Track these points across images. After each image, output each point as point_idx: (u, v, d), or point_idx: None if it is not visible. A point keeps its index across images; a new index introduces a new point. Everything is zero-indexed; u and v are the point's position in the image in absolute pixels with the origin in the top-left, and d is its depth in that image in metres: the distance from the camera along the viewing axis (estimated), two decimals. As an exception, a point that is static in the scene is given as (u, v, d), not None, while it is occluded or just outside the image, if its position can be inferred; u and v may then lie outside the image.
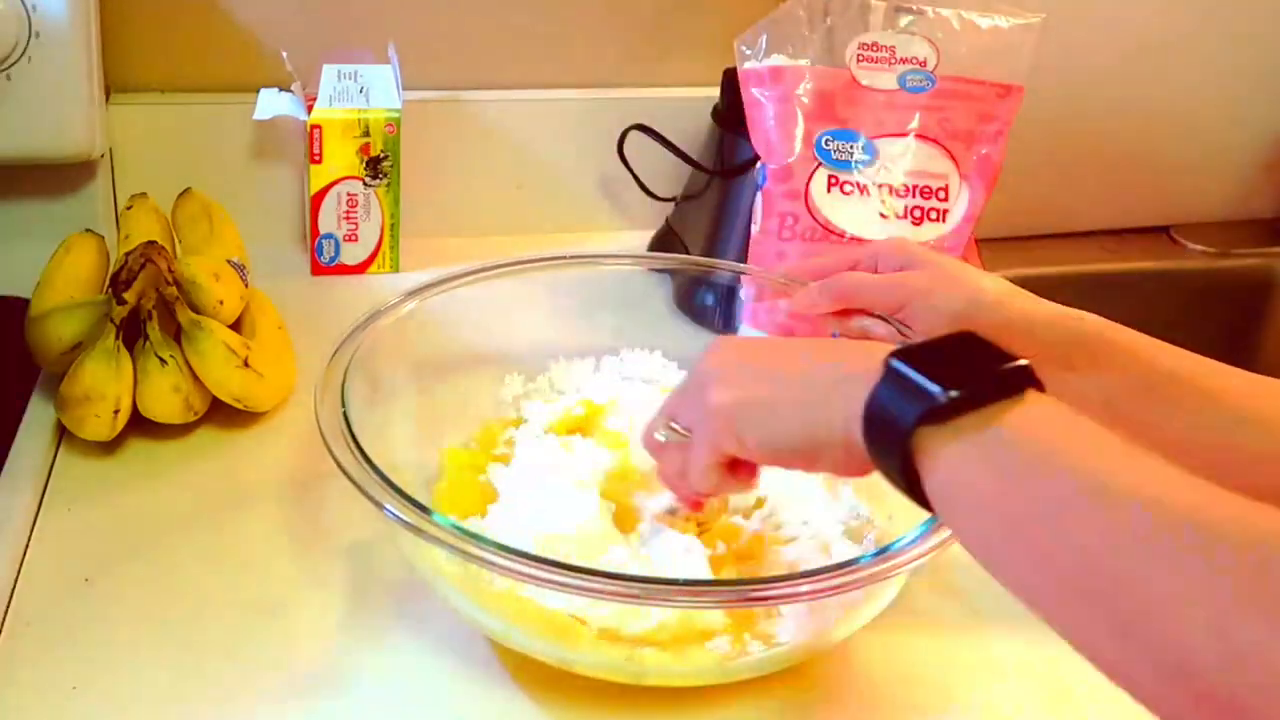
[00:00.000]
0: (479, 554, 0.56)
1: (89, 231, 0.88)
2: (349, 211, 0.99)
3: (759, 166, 0.87)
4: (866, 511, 0.73)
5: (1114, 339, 0.65)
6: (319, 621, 0.67)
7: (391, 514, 0.58)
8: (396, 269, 1.03)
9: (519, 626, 0.61)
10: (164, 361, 0.76)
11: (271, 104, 0.98)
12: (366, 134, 0.97)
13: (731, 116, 0.96)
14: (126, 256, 0.77)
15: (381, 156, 0.98)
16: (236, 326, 0.82)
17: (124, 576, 0.68)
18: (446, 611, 0.66)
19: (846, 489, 0.75)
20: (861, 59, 0.86)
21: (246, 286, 0.85)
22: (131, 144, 1.01)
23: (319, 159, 0.97)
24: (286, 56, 0.99)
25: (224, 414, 0.80)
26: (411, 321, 0.75)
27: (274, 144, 1.03)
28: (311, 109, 0.97)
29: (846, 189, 0.85)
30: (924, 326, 0.68)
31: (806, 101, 0.86)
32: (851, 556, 0.69)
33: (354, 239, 1.01)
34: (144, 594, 0.67)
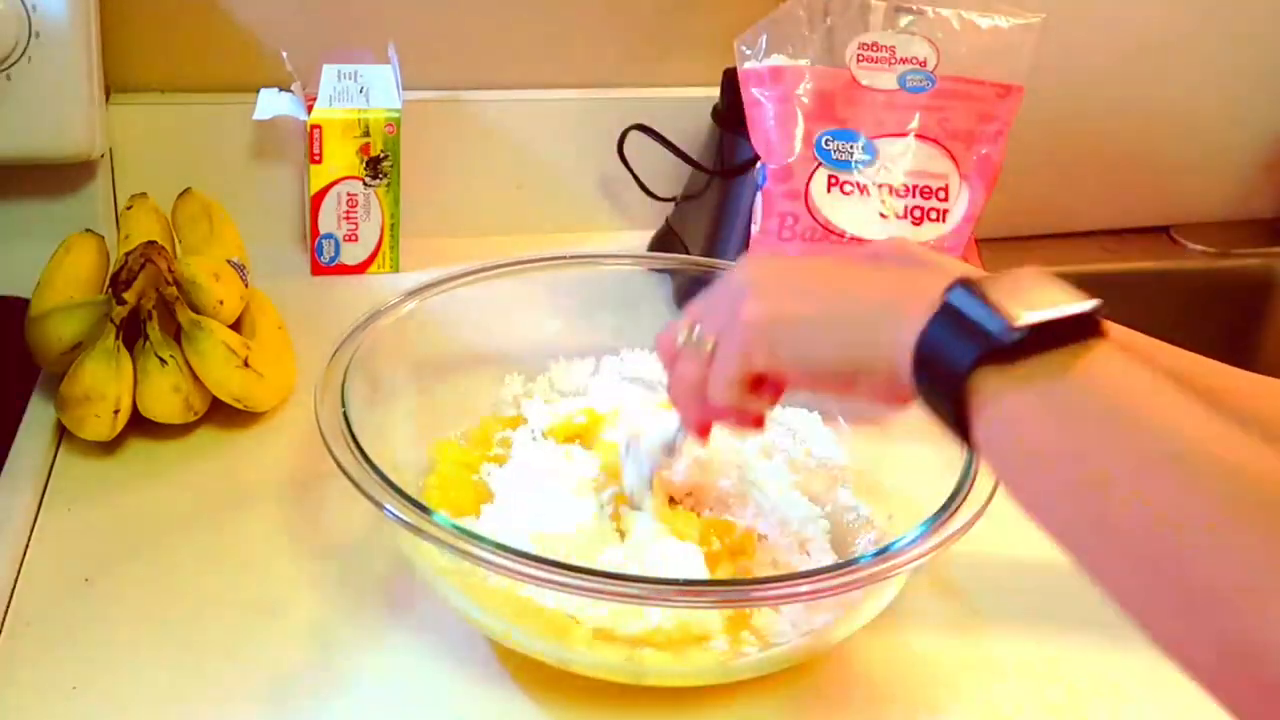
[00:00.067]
0: (478, 554, 0.56)
1: (89, 231, 0.88)
2: (349, 211, 0.99)
3: (759, 166, 0.87)
4: (867, 511, 0.73)
5: (1114, 339, 0.65)
6: (319, 621, 0.67)
7: (391, 514, 0.58)
8: (396, 269, 1.03)
9: (518, 626, 0.61)
10: (164, 361, 0.76)
11: (271, 104, 0.98)
12: (366, 134, 0.97)
13: (731, 116, 0.96)
14: (126, 256, 0.77)
15: (381, 156, 0.98)
16: (236, 326, 0.82)
17: (124, 576, 0.68)
18: (446, 611, 0.66)
19: (844, 490, 0.75)
20: (861, 59, 0.86)
21: (246, 286, 0.85)
22: (131, 144, 1.01)
23: (319, 159, 0.97)
24: (286, 56, 0.99)
25: (224, 414, 0.80)
26: (411, 321, 0.75)
27: (274, 144, 1.03)
28: (311, 109, 0.97)
29: (846, 189, 0.85)
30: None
31: (806, 101, 0.86)
32: (829, 558, 0.69)
33: (354, 239, 1.01)
34: (144, 594, 0.67)
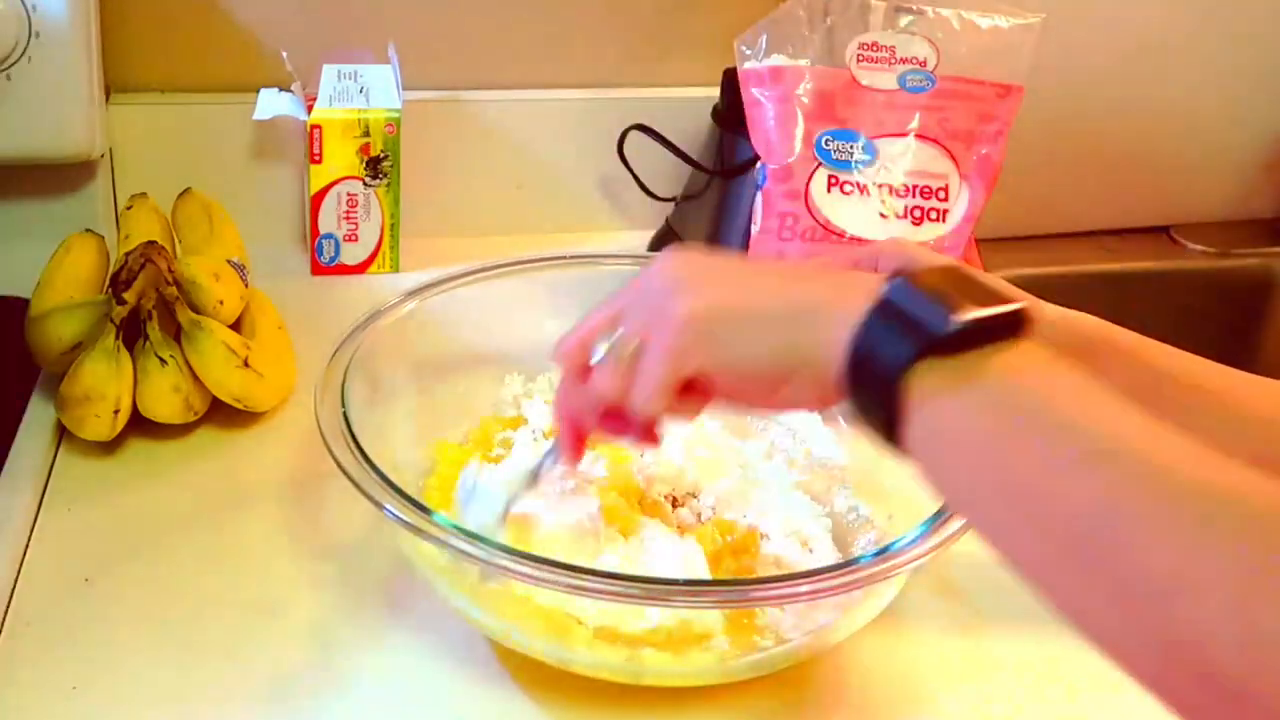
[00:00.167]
0: (478, 554, 0.56)
1: (89, 231, 0.88)
2: (349, 211, 0.99)
3: (759, 166, 0.86)
4: (867, 511, 0.73)
5: (1114, 340, 0.65)
6: (319, 621, 0.67)
7: (391, 514, 0.58)
8: (396, 269, 1.03)
9: (518, 626, 0.61)
10: (164, 361, 0.76)
11: (271, 104, 0.98)
12: (366, 134, 0.97)
13: (731, 116, 0.96)
14: (126, 256, 0.77)
15: (381, 156, 0.98)
16: (236, 326, 0.82)
17: (124, 576, 0.68)
18: (446, 611, 0.66)
19: (844, 490, 0.75)
20: (861, 59, 0.86)
21: (246, 286, 0.85)
22: (131, 144, 1.01)
23: (319, 159, 0.97)
24: (286, 56, 0.99)
25: (224, 414, 0.80)
26: (411, 321, 0.75)
27: (274, 144, 1.03)
28: (311, 109, 0.97)
29: (846, 189, 0.85)
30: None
31: (806, 101, 0.86)
32: (833, 557, 0.69)
33: (354, 239, 1.01)
34: (144, 594, 0.67)
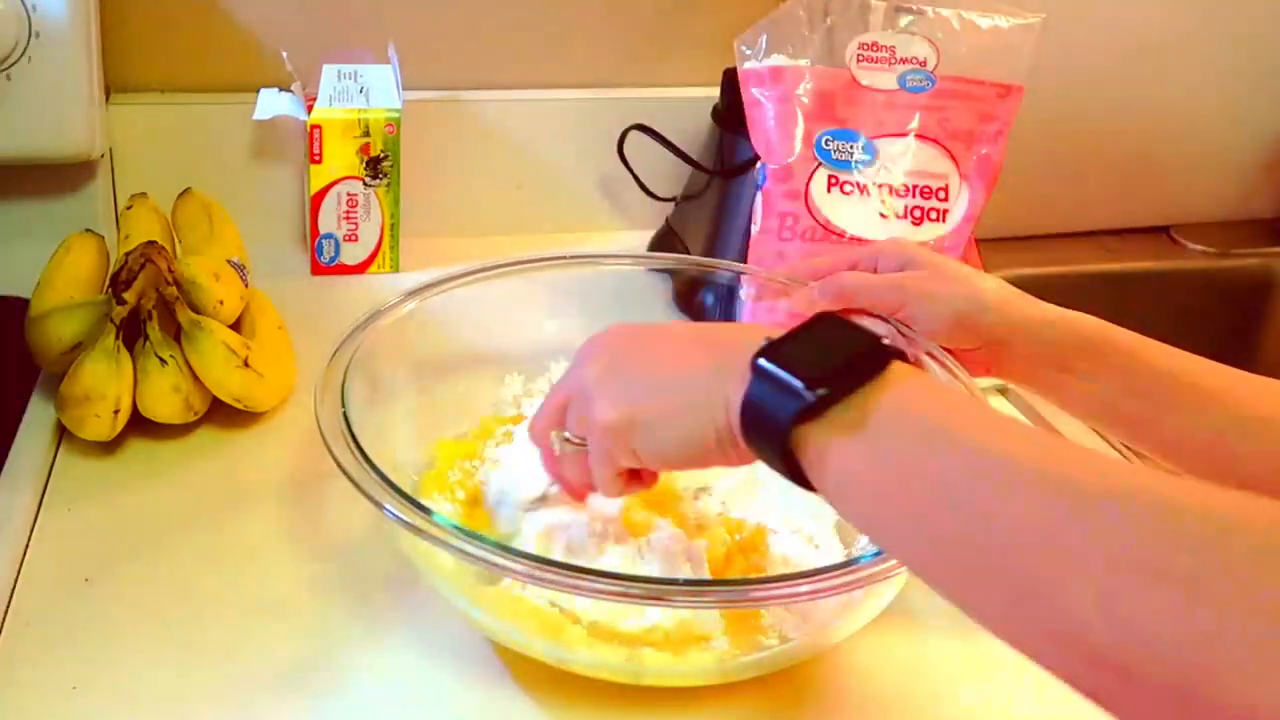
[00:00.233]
0: (479, 554, 0.56)
1: (89, 231, 0.88)
2: (349, 211, 0.99)
3: (759, 166, 0.86)
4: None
5: (1114, 340, 0.65)
6: (319, 621, 0.67)
7: (391, 514, 0.58)
8: (396, 269, 1.03)
9: (518, 626, 0.61)
10: (164, 361, 0.76)
11: (271, 104, 0.98)
12: (366, 134, 0.97)
13: (731, 116, 0.96)
14: (126, 256, 0.77)
15: (381, 156, 0.98)
16: (236, 326, 0.82)
17: (124, 576, 0.68)
18: (446, 611, 0.66)
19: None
20: (861, 59, 0.86)
21: (246, 286, 0.85)
22: (131, 144, 1.01)
23: (319, 159, 0.97)
24: (286, 56, 0.99)
25: (224, 414, 0.80)
26: (411, 321, 0.75)
27: (274, 144, 1.03)
28: (311, 109, 0.97)
29: (846, 189, 0.85)
30: (924, 327, 0.68)
31: (806, 101, 0.86)
32: (839, 552, 0.69)
33: (354, 239, 1.01)
34: (144, 594, 0.67)
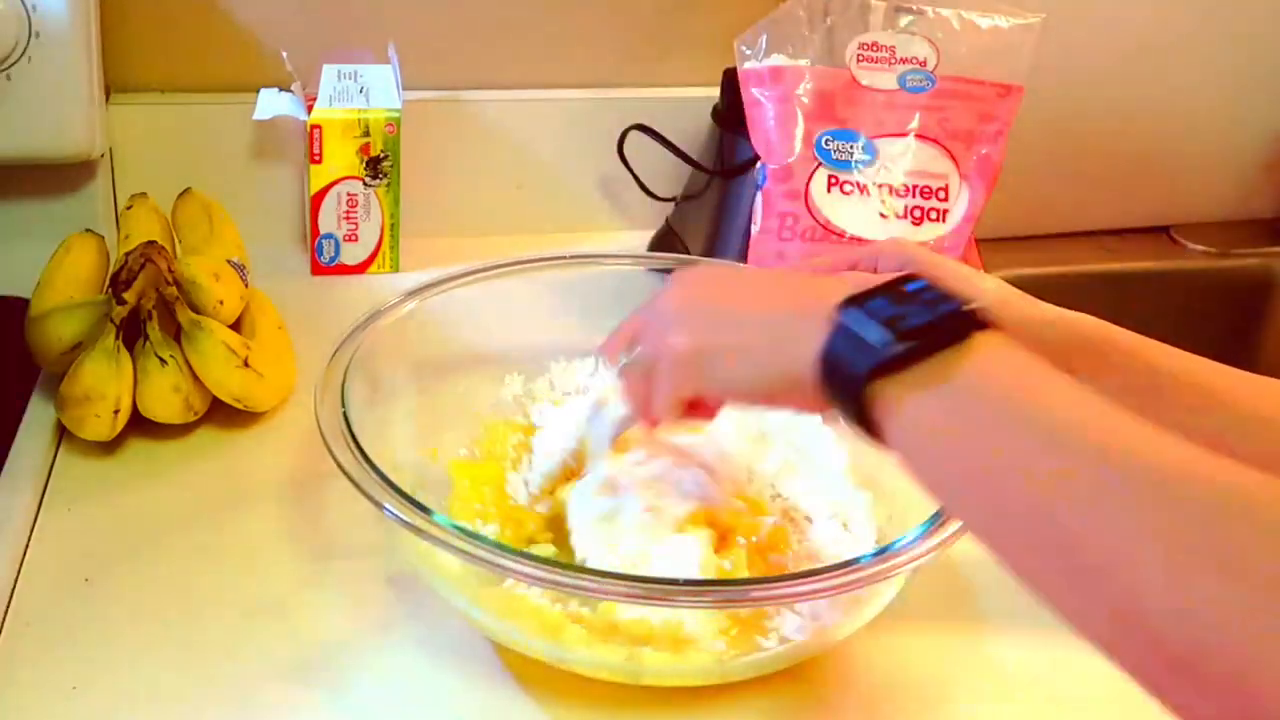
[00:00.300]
0: (479, 554, 0.56)
1: (89, 231, 0.88)
2: (349, 211, 0.99)
3: (759, 166, 0.86)
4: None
5: (1114, 340, 0.65)
6: (319, 621, 0.67)
7: (391, 514, 0.58)
8: (396, 269, 1.03)
9: (518, 626, 0.61)
10: (164, 361, 0.76)
11: (271, 104, 0.98)
12: (366, 134, 0.97)
13: (731, 116, 0.96)
14: (126, 256, 0.77)
15: (381, 156, 0.98)
16: (236, 326, 0.82)
17: (124, 576, 0.68)
18: (446, 611, 0.66)
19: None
20: (861, 59, 0.86)
21: (246, 286, 0.85)
22: (131, 144, 1.01)
23: (319, 159, 0.97)
24: (286, 56, 0.99)
25: (224, 414, 0.80)
26: (411, 321, 0.75)
27: (274, 144, 1.03)
28: (311, 109, 0.97)
29: (846, 189, 0.85)
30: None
31: (806, 101, 0.86)
32: (870, 538, 0.69)
33: (354, 239, 1.01)
34: (144, 594, 0.67)
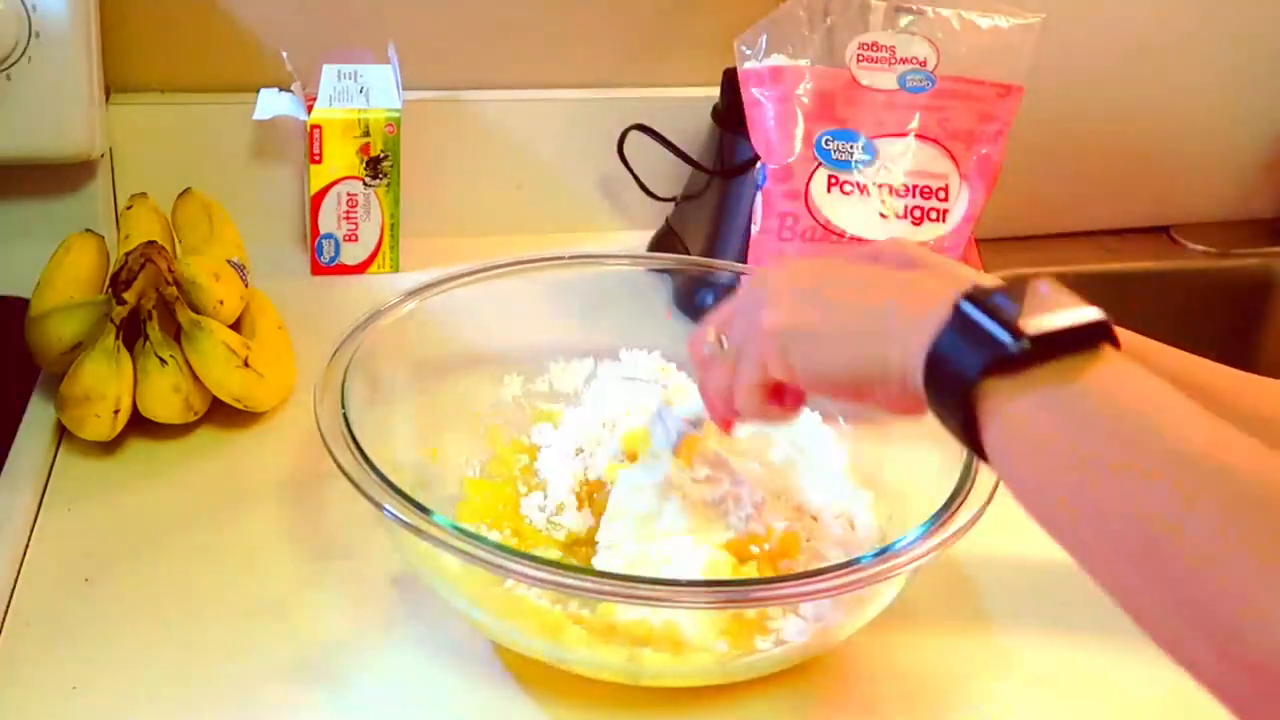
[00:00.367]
0: (479, 554, 0.56)
1: (89, 231, 0.88)
2: (349, 211, 0.99)
3: (759, 166, 0.86)
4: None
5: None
6: (319, 621, 0.67)
7: (391, 514, 0.58)
8: (396, 269, 1.03)
9: (518, 626, 0.61)
10: (164, 361, 0.76)
11: (271, 104, 0.98)
12: (366, 134, 0.97)
13: (731, 116, 0.96)
14: (126, 256, 0.77)
15: (381, 156, 0.98)
16: (236, 326, 0.82)
17: (124, 576, 0.68)
18: (446, 611, 0.66)
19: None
20: (861, 59, 0.86)
21: (246, 286, 0.85)
22: (131, 144, 1.01)
23: (319, 159, 0.97)
24: (286, 56, 0.99)
25: (224, 414, 0.80)
26: (411, 321, 0.75)
27: (274, 144, 1.03)
28: (311, 109, 0.97)
29: (846, 189, 0.85)
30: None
31: (806, 101, 0.86)
32: (874, 532, 0.69)
33: (354, 239, 1.01)
34: (144, 594, 0.67)
